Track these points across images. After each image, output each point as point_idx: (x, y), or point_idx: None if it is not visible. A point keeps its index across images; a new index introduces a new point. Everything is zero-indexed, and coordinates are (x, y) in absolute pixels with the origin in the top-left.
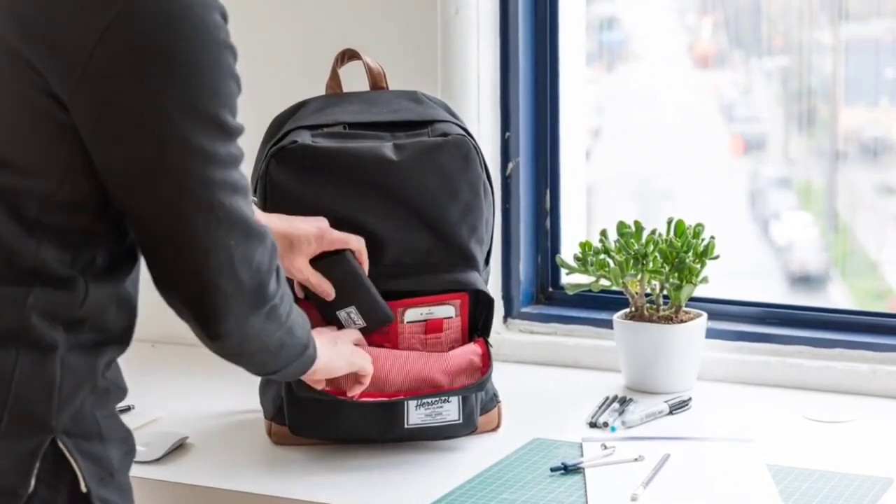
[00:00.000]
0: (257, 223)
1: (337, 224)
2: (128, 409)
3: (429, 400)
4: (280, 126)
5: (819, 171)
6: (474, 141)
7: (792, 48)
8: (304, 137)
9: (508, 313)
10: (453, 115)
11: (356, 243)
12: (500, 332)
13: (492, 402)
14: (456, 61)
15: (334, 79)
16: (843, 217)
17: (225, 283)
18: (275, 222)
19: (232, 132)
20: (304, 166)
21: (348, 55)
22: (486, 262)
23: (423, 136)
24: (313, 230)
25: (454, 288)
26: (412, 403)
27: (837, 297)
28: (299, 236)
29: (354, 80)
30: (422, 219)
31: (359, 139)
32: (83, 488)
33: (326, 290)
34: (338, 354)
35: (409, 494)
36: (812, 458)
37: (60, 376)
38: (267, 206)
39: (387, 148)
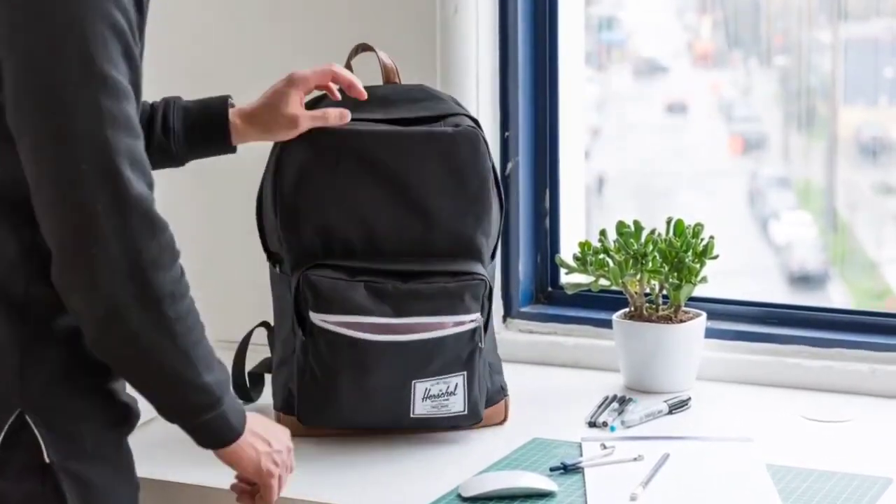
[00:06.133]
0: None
1: (341, 210)
2: None
3: (435, 392)
4: None
5: (818, 170)
6: (483, 134)
7: (791, 47)
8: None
9: (508, 313)
10: (461, 107)
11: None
12: (500, 332)
13: (499, 394)
14: (455, 60)
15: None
16: (842, 216)
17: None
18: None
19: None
20: (319, 146)
21: (361, 48)
22: (493, 256)
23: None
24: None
25: (456, 273)
26: (419, 394)
27: (837, 296)
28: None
29: (367, 74)
30: (427, 206)
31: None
32: (46, 459)
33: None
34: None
35: (409, 493)
36: (811, 457)
37: (23, 348)
38: (284, 186)
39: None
